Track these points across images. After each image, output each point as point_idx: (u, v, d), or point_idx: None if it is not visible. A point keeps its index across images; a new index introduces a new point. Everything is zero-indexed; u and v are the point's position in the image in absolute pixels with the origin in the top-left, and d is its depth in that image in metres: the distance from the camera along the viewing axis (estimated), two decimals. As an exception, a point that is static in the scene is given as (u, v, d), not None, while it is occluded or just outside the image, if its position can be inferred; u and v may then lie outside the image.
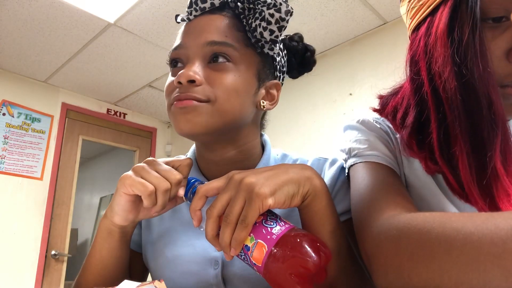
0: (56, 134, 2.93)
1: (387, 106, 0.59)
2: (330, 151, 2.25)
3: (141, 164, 0.54)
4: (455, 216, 0.37)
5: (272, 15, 0.57)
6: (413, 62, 0.53)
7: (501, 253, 0.32)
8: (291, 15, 0.58)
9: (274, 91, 0.65)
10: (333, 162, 0.68)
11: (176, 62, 0.61)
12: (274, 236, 0.42)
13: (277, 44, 0.61)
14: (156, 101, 3.25)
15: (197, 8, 0.60)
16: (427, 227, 0.38)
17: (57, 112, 2.97)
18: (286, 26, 0.58)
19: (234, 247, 0.43)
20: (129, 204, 0.54)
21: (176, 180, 0.52)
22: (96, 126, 3.22)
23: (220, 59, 0.58)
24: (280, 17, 0.57)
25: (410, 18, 0.55)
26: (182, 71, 0.56)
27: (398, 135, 0.59)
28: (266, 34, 0.58)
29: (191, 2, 0.61)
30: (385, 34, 2.23)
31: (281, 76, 0.68)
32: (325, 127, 2.39)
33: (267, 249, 0.42)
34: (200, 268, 0.60)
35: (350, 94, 2.31)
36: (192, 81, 0.56)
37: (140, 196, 0.52)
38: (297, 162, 0.70)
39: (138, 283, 0.44)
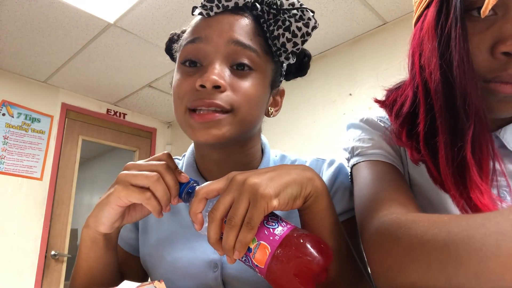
0: (56, 134, 2.93)
1: (389, 98, 0.60)
2: (329, 151, 2.25)
3: (123, 172, 0.52)
4: (438, 219, 0.38)
5: (299, 29, 0.56)
6: (410, 55, 0.54)
7: (448, 254, 0.33)
8: (315, 29, 0.57)
9: (278, 98, 0.66)
10: (331, 163, 0.68)
11: (191, 60, 0.57)
12: (277, 237, 0.42)
13: (295, 55, 0.60)
14: (156, 101, 3.25)
15: (220, 5, 0.56)
16: (408, 232, 0.39)
17: (57, 112, 2.97)
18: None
19: (239, 250, 0.42)
20: (119, 214, 0.53)
21: (163, 165, 0.51)
22: (96, 126, 3.22)
23: (245, 67, 0.56)
24: (307, 31, 0.56)
25: (414, 11, 0.56)
26: (206, 73, 0.53)
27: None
28: (289, 46, 0.57)
29: None
30: (385, 34, 2.23)
31: (282, 80, 0.68)
32: (324, 127, 2.39)
33: (270, 250, 0.41)
34: (199, 271, 0.60)
35: (350, 94, 2.31)
36: (217, 87, 0.53)
37: (130, 204, 0.52)
38: (296, 163, 0.70)
39: (138, 283, 0.44)
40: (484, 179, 0.44)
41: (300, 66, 0.68)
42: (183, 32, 0.67)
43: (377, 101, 0.62)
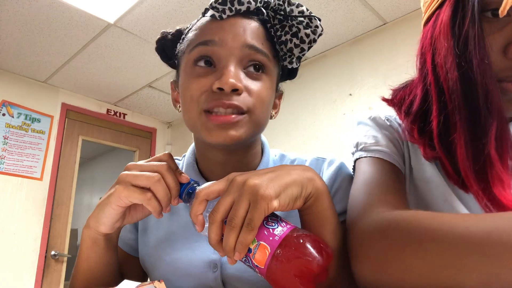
0: (56, 135, 2.93)
1: (397, 96, 0.62)
2: (329, 151, 2.25)
3: (124, 172, 0.52)
4: (425, 216, 0.40)
5: (307, 35, 0.58)
6: (421, 54, 0.55)
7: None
8: (321, 36, 0.59)
9: (277, 100, 0.67)
10: (331, 162, 0.68)
11: (203, 60, 0.57)
12: (276, 238, 0.42)
13: (299, 60, 0.61)
14: (156, 102, 3.25)
15: (232, 8, 0.57)
16: (394, 230, 0.41)
17: (57, 113, 2.97)
18: None
19: (239, 251, 0.42)
20: (120, 214, 0.54)
21: (164, 166, 0.51)
22: (96, 126, 3.22)
23: (258, 70, 0.57)
24: (314, 38, 0.59)
25: (424, 12, 0.57)
26: (224, 76, 0.53)
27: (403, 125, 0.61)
28: (296, 51, 0.59)
29: (225, 1, 0.57)
30: (385, 34, 2.23)
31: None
32: (324, 127, 2.39)
33: (269, 250, 0.41)
34: (199, 271, 0.60)
35: (350, 94, 2.31)
36: (235, 90, 0.53)
37: (130, 204, 0.52)
38: (295, 162, 0.70)
39: (138, 283, 0.44)
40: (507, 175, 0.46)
41: (292, 69, 0.69)
42: (179, 31, 0.67)
43: (384, 99, 0.64)
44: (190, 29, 0.63)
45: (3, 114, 2.69)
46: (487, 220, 0.35)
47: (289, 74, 0.69)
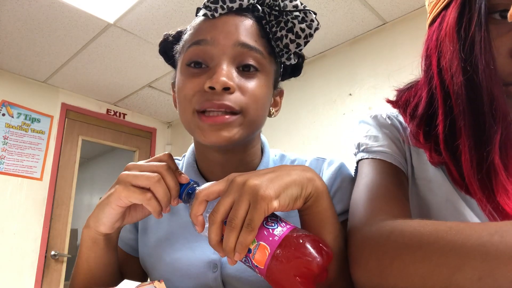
0: (55, 135, 2.93)
1: (401, 98, 0.60)
2: (329, 151, 2.25)
3: (124, 172, 0.52)
4: (418, 225, 0.40)
5: (303, 30, 0.57)
6: (426, 56, 0.54)
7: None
8: (317, 30, 0.58)
9: (278, 98, 0.67)
10: (331, 162, 0.68)
11: (196, 62, 0.56)
12: (276, 238, 0.42)
13: (297, 56, 0.61)
14: (156, 101, 3.25)
15: (224, 6, 0.56)
16: (390, 239, 0.41)
17: (57, 113, 2.97)
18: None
19: (239, 251, 0.42)
20: (120, 214, 0.54)
21: (163, 166, 0.51)
22: (95, 126, 3.22)
23: (252, 68, 0.56)
24: (310, 33, 0.57)
25: (429, 12, 0.56)
26: (215, 74, 0.52)
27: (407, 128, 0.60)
28: (292, 47, 0.58)
29: None
30: (385, 34, 2.23)
31: (279, 81, 0.68)
32: (324, 127, 2.39)
33: (269, 251, 0.41)
34: (199, 271, 0.60)
35: (350, 94, 2.31)
36: (226, 88, 0.53)
37: (130, 204, 0.52)
38: (295, 162, 0.70)
39: (138, 283, 0.44)
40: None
41: (295, 67, 0.68)
42: (179, 33, 0.67)
43: (389, 101, 0.63)
44: (188, 30, 0.63)
45: (3, 114, 2.69)
46: (490, 225, 0.35)
47: (293, 72, 0.69)
